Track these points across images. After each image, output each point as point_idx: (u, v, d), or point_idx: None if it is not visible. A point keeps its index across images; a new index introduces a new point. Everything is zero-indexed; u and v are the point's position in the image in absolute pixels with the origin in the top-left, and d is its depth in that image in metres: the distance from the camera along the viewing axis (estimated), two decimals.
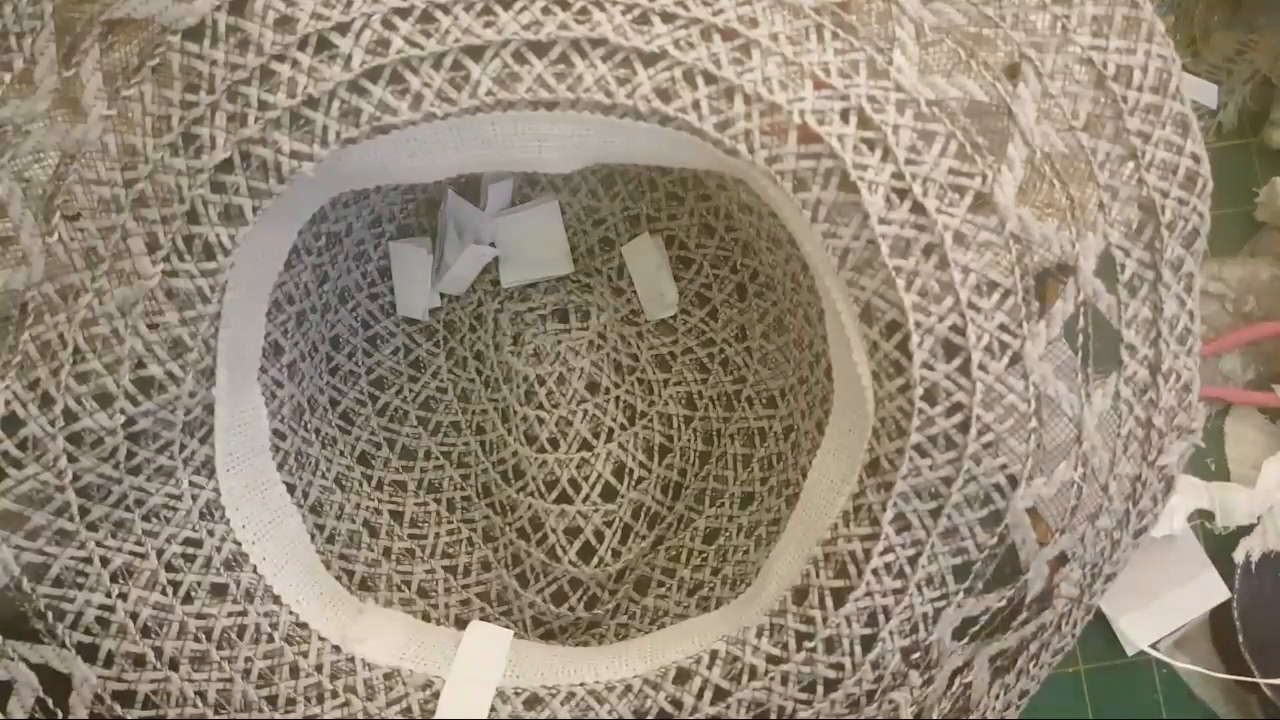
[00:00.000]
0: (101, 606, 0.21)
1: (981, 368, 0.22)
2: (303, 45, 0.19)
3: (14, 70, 0.20)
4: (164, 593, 0.22)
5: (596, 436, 0.33)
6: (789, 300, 0.31)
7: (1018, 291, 0.22)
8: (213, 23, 0.20)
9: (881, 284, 0.21)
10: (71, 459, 0.21)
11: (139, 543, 0.22)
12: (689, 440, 0.34)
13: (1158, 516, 0.24)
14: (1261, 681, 0.37)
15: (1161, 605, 0.38)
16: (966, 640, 0.23)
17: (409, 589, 0.31)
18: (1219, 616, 0.39)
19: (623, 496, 0.32)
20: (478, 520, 0.33)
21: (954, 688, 0.24)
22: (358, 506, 0.32)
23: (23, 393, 0.20)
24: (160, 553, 0.22)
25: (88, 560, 0.21)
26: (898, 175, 0.21)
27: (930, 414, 0.22)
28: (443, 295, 0.35)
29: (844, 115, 0.21)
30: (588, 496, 0.32)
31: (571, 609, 0.32)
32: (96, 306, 0.20)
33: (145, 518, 0.22)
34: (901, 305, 0.21)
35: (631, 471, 0.33)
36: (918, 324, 0.21)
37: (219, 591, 0.22)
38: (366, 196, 0.32)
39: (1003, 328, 0.22)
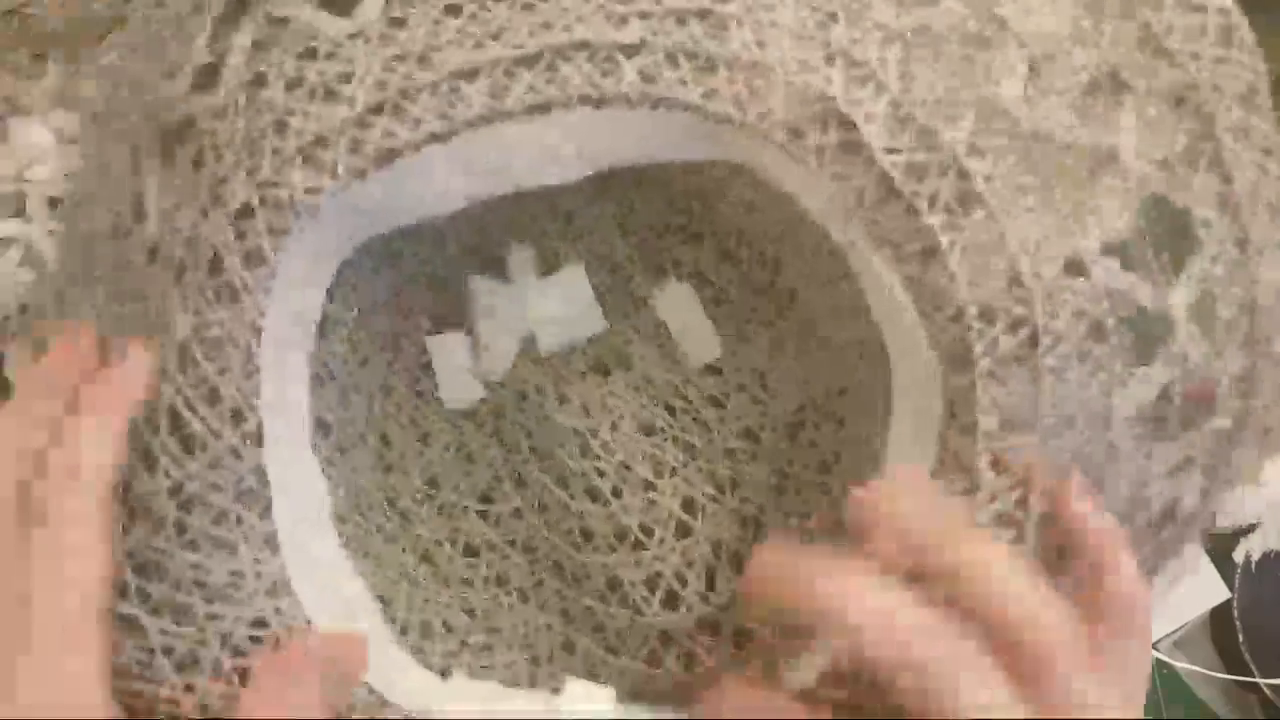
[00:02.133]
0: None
1: (1035, 274, 0.21)
2: (310, 97, 0.21)
3: None
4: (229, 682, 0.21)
5: (659, 475, 0.31)
6: (825, 303, 0.31)
7: (1053, 189, 0.21)
8: (234, 102, 0.21)
9: (904, 213, 0.21)
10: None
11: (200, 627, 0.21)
12: (755, 473, 0.32)
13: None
14: (1261, 681, 0.38)
15: (1161, 605, 0.36)
16: None
17: (491, 677, 0.29)
18: (1219, 616, 0.39)
19: (697, 531, 0.31)
20: (552, 602, 0.32)
21: None
22: (426, 601, 0.30)
23: None
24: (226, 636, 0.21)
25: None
26: (894, 103, 0.21)
27: (994, 334, 0.20)
28: (486, 383, 0.34)
29: (828, 59, 0.21)
30: (662, 539, 0.30)
31: (669, 671, 0.29)
32: None
33: (208, 600, 0.21)
34: (931, 229, 0.21)
35: (703, 506, 0.31)
36: (952, 243, 0.21)
37: None
38: (398, 294, 0.33)
39: (1044, 230, 0.21)
